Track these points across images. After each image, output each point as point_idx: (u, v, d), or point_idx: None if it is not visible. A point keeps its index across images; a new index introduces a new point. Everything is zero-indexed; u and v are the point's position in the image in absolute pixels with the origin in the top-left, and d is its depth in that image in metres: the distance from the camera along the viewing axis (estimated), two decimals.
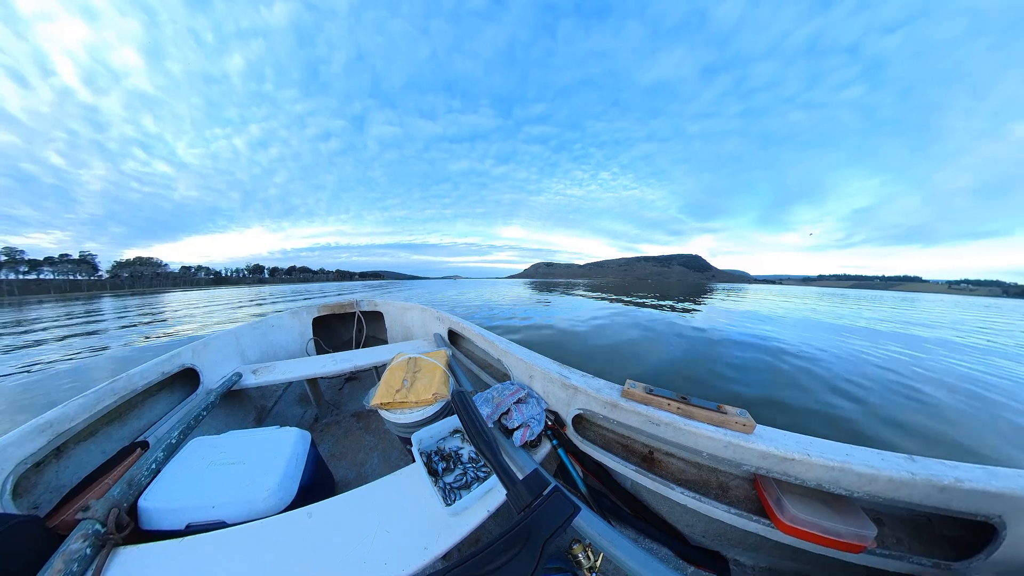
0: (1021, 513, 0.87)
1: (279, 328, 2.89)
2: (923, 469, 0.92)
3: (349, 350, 2.48)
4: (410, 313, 3.33)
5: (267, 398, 2.56)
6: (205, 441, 1.30)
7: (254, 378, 2.01)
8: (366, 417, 2.38)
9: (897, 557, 0.99)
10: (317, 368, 2.13)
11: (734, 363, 5.80)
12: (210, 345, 2.13)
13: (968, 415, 4.26)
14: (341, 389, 2.86)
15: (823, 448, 1.00)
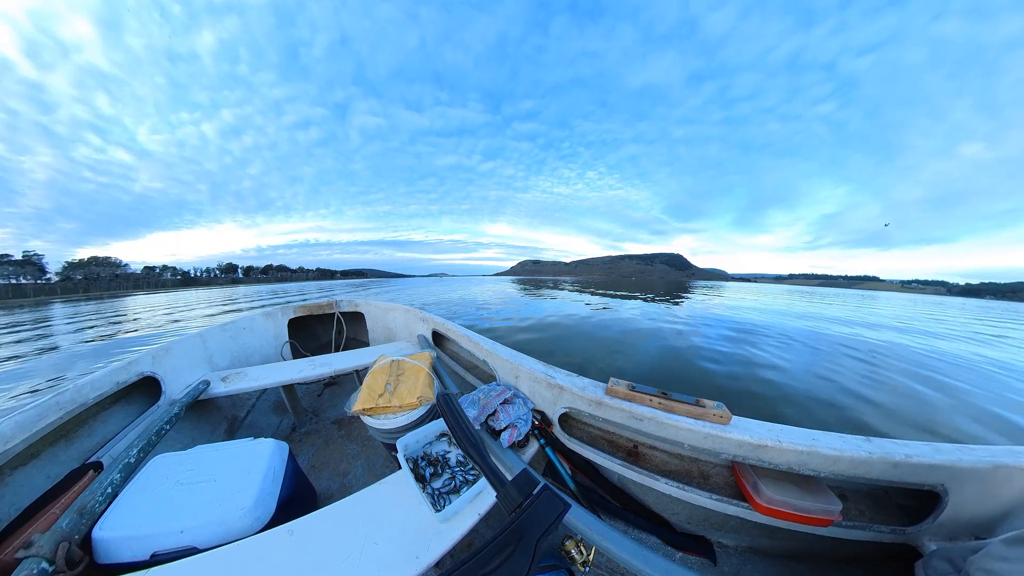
0: (960, 481, 0.98)
1: (251, 331, 2.70)
2: (879, 448, 1.01)
3: (328, 353, 2.36)
4: (392, 314, 3.21)
5: (239, 407, 2.40)
6: (169, 458, 1.18)
7: (224, 386, 1.86)
8: (348, 424, 2.28)
9: (860, 527, 1.09)
10: (293, 373, 2.00)
11: (711, 357, 6.09)
12: (173, 350, 1.94)
13: (921, 397, 4.72)
14: (320, 395, 2.71)
15: (792, 435, 1.08)
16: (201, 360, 2.16)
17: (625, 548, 0.85)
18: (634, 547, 0.85)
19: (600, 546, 0.88)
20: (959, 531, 1.03)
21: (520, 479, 0.56)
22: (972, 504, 1.01)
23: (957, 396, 4.90)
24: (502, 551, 0.39)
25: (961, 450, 1.02)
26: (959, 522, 1.02)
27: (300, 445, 2.08)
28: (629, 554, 0.84)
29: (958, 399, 4.78)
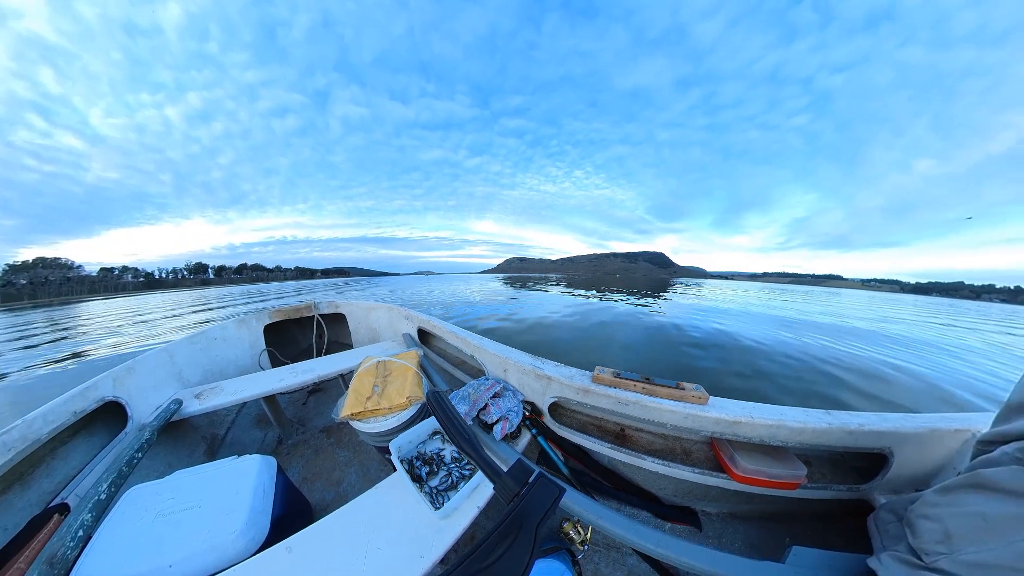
0: (903, 444, 1.12)
1: (223, 341, 2.52)
2: (836, 419, 1.13)
3: (309, 359, 2.27)
4: (375, 313, 3.10)
5: (217, 425, 2.26)
6: (145, 489, 1.09)
7: (198, 404, 1.74)
8: (336, 431, 2.22)
9: (823, 488, 1.21)
10: (274, 383, 1.90)
11: (691, 344, 6.52)
12: (136, 370, 1.77)
13: (875, 375, 5.35)
14: (304, 404, 2.61)
15: (763, 411, 1.19)
16: (169, 378, 2.00)
17: (619, 524, 0.92)
18: (627, 523, 0.92)
19: (596, 525, 0.94)
20: (902, 485, 1.18)
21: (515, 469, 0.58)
22: (912, 463, 1.16)
23: (905, 374, 5.57)
24: (504, 540, 0.41)
25: (903, 418, 1.16)
26: (902, 478, 1.17)
27: (289, 458, 2.00)
28: (623, 529, 0.90)
29: (906, 376, 5.44)
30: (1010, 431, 0.67)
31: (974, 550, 0.60)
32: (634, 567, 1.26)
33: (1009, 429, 0.67)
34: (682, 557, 0.85)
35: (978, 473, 0.66)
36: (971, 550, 0.61)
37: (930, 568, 0.65)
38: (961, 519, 0.65)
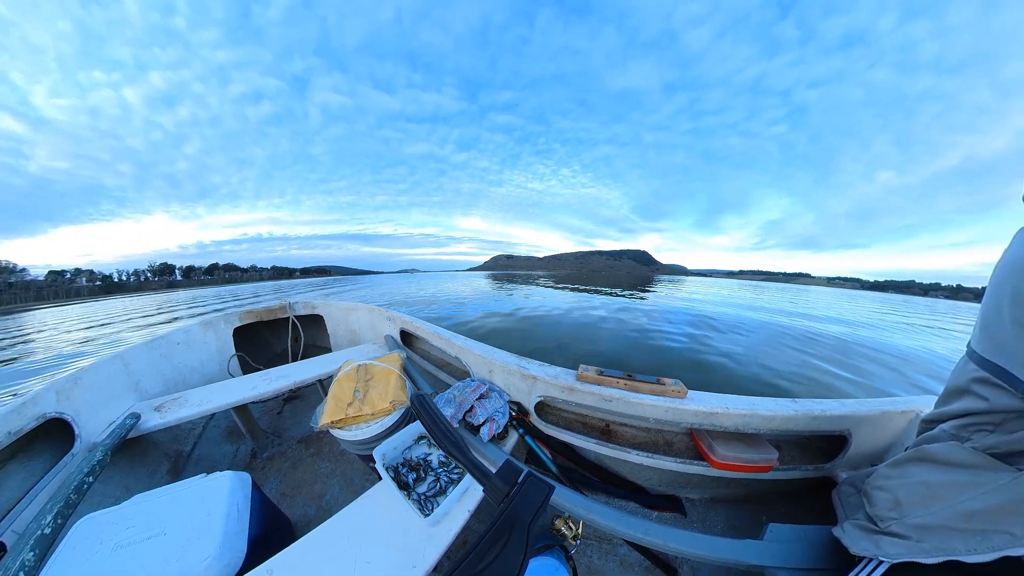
0: (859, 426, 1.24)
1: (187, 346, 2.29)
2: (802, 407, 1.23)
3: (284, 364, 2.13)
4: (355, 314, 2.96)
5: (182, 440, 2.08)
6: (100, 519, 0.97)
7: (159, 417, 1.57)
8: (316, 441, 2.10)
9: (792, 468, 1.31)
10: (245, 391, 1.77)
11: (671, 340, 6.83)
12: (84, 381, 1.55)
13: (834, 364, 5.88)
14: (280, 413, 2.45)
15: (737, 402, 1.27)
16: (125, 388, 1.80)
17: (609, 517, 0.95)
18: (616, 514, 0.96)
19: (587, 519, 0.97)
20: (860, 462, 1.31)
21: (504, 470, 0.58)
22: (868, 442, 1.29)
23: (864, 362, 6.16)
24: (497, 542, 0.40)
25: (859, 403, 1.29)
26: (860, 455, 1.30)
27: (264, 472, 1.87)
28: (613, 521, 0.94)
29: (865, 364, 6.01)
30: (947, 412, 0.75)
31: (919, 514, 0.69)
32: (625, 556, 1.31)
33: (947, 410, 0.76)
34: (669, 543, 0.90)
35: (922, 448, 0.76)
36: (917, 514, 0.69)
37: (884, 532, 0.73)
38: (908, 488, 0.74)
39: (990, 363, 0.64)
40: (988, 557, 0.59)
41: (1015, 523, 0.57)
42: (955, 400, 0.73)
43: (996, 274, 0.64)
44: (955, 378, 0.75)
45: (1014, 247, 0.63)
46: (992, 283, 0.65)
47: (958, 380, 0.73)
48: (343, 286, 39.20)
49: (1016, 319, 0.58)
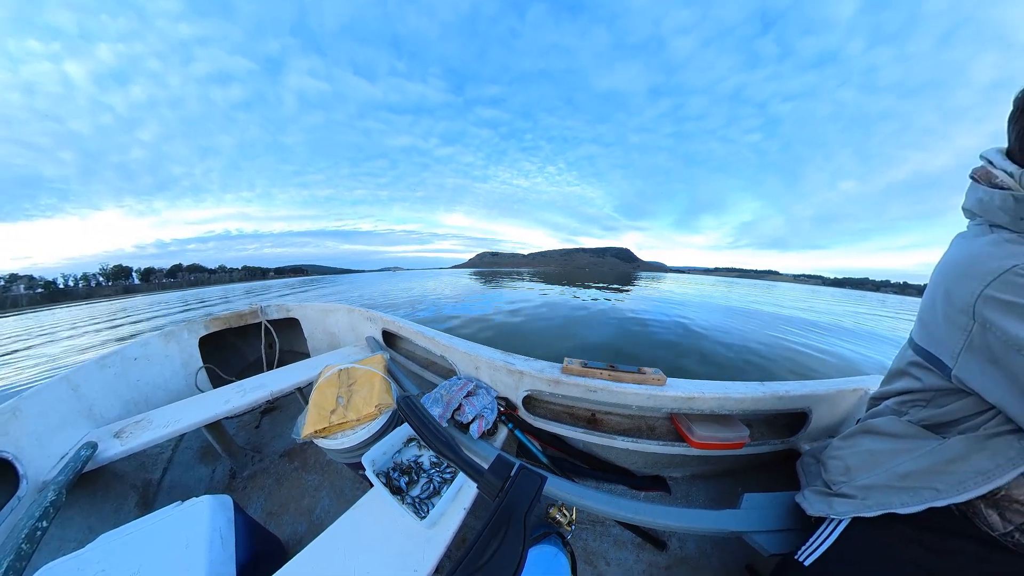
0: (818, 403, 1.39)
1: (146, 361, 2.07)
2: (769, 389, 1.35)
3: (259, 374, 1.99)
4: (334, 316, 2.81)
5: (150, 468, 1.88)
6: (61, 567, 0.86)
7: (120, 444, 1.40)
8: (300, 453, 1.99)
9: (762, 443, 1.42)
10: (218, 406, 1.64)
11: (651, 331, 7.22)
12: (24, 411, 1.35)
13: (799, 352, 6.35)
14: (258, 427, 2.30)
15: (712, 387, 1.36)
16: (76, 415, 1.59)
17: (599, 501, 1.01)
18: (606, 498, 1.02)
19: (579, 505, 1.02)
20: (819, 435, 1.44)
21: (496, 465, 0.59)
22: (825, 417, 1.42)
23: (821, 349, 6.77)
24: (495, 536, 0.41)
25: (818, 384, 1.43)
26: (819, 429, 1.43)
27: (247, 493, 1.75)
28: (604, 505, 1.00)
29: (821, 349, 6.64)
30: (890, 390, 0.85)
31: (864, 477, 0.81)
32: (618, 536, 1.38)
33: (889, 388, 0.86)
34: (657, 519, 0.98)
35: (868, 422, 0.87)
36: (862, 477, 0.81)
37: (836, 494, 0.84)
38: (856, 456, 0.85)
39: (924, 350, 0.74)
40: (917, 508, 0.69)
41: (939, 481, 0.68)
42: (896, 380, 0.84)
43: (934, 276, 0.72)
44: (897, 362, 0.85)
45: (950, 252, 0.71)
46: (930, 283, 0.73)
47: (899, 363, 0.83)
48: (322, 286, 37.06)
49: (946, 315, 0.66)
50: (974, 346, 0.61)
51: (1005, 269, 0.57)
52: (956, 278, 0.65)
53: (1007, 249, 0.60)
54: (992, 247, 0.62)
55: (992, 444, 0.63)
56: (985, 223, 0.68)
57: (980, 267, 0.61)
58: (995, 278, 0.57)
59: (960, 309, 0.62)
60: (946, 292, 0.66)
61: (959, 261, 0.67)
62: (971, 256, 0.64)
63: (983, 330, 0.59)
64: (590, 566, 1.27)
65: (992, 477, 0.62)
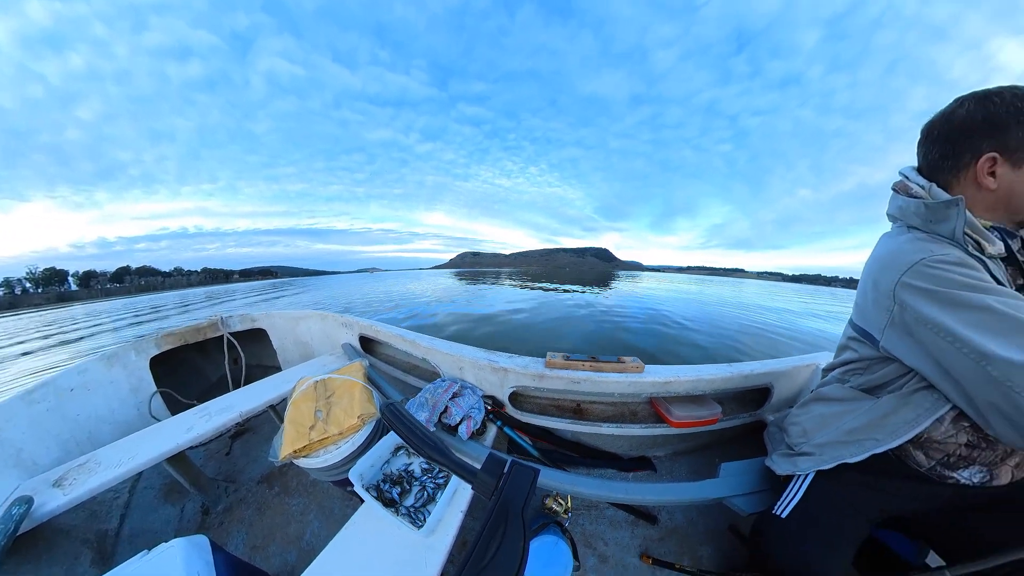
0: (778, 379, 1.54)
1: (85, 391, 1.81)
2: (736, 369, 1.48)
3: (224, 394, 1.81)
4: (305, 323, 2.60)
5: (103, 517, 1.61)
6: None
7: (62, 495, 1.19)
8: (280, 476, 1.83)
9: (733, 418, 1.55)
10: (179, 436, 1.46)
11: (628, 323, 7.65)
12: None
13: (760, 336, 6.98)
14: (228, 453, 2.07)
15: (686, 371, 1.47)
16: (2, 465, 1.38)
17: (592, 486, 1.07)
18: (598, 483, 1.08)
19: (573, 492, 1.07)
20: (781, 406, 1.59)
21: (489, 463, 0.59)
22: (785, 390, 1.58)
23: (780, 332, 7.52)
24: (496, 534, 0.41)
25: (778, 362, 1.59)
26: (780, 401, 1.59)
27: (224, 529, 1.58)
28: (596, 489, 1.06)
29: (780, 333, 7.27)
30: (836, 362, 0.99)
31: (819, 436, 0.94)
32: (612, 516, 1.44)
33: (835, 361, 1.00)
34: (647, 496, 1.06)
35: (819, 391, 1.02)
36: (818, 436, 0.94)
37: (798, 453, 0.97)
38: (811, 420, 0.98)
39: (859, 327, 0.87)
40: (863, 456, 0.83)
41: (877, 432, 0.81)
42: (841, 353, 0.97)
43: (865, 268, 0.86)
44: (841, 339, 0.99)
45: (876, 248, 0.85)
46: (863, 274, 0.86)
47: (843, 340, 0.97)
48: (293, 289, 33.81)
49: (875, 299, 0.78)
50: (895, 322, 0.74)
51: (916, 261, 0.69)
52: (881, 269, 0.77)
53: (919, 245, 0.73)
54: (908, 244, 0.76)
55: (914, 399, 0.76)
56: (903, 225, 0.82)
57: (898, 260, 0.73)
58: (909, 268, 0.70)
59: (884, 294, 0.74)
60: (874, 281, 0.78)
61: (883, 256, 0.79)
62: (892, 252, 0.77)
63: (901, 310, 0.71)
64: (590, 548, 1.32)
65: (916, 424, 0.75)
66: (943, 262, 0.67)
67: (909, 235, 0.78)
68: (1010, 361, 0.56)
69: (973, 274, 0.65)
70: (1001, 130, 0.67)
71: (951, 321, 0.63)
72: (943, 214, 0.72)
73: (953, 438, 0.75)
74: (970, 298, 0.62)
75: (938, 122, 0.76)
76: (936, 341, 0.66)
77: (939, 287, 0.65)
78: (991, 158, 0.69)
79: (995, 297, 0.61)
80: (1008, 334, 0.58)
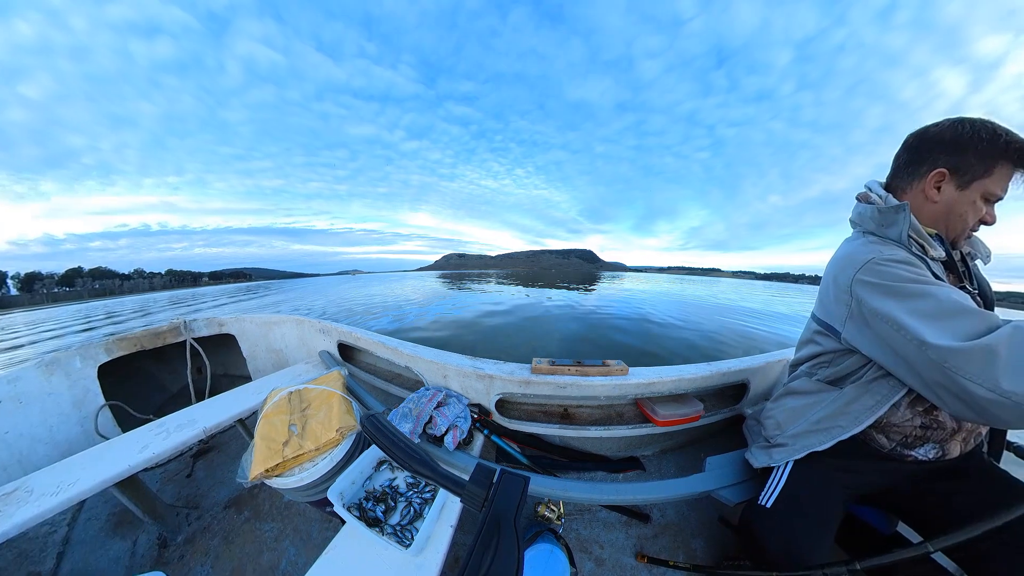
0: (754, 375, 1.62)
1: (16, 403, 1.57)
2: (715, 368, 1.54)
3: (185, 407, 1.62)
4: (279, 329, 2.42)
5: (36, 557, 1.41)
6: None
7: None
8: (250, 499, 1.64)
9: (714, 414, 1.61)
10: (131, 456, 1.27)
11: (613, 325, 7.84)
12: None
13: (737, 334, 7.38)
14: (190, 475, 1.85)
15: (668, 371, 1.51)
16: None
17: (583, 490, 1.07)
18: (589, 486, 1.09)
19: (565, 498, 1.07)
20: (757, 400, 1.67)
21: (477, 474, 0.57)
22: (761, 385, 1.66)
23: (754, 328, 7.88)
24: (489, 547, 0.39)
25: (752, 359, 1.67)
26: (756, 396, 1.67)
27: (186, 563, 1.38)
28: (587, 493, 1.06)
29: (755, 330, 7.72)
30: (801, 356, 1.06)
31: (792, 428, 1.01)
32: (606, 518, 1.45)
33: (801, 355, 1.07)
34: (637, 495, 1.08)
35: (789, 385, 1.09)
36: (790, 428, 1.01)
37: (774, 445, 1.04)
38: (784, 413, 1.06)
39: (823, 321, 0.94)
40: (830, 443, 0.91)
41: (841, 420, 0.90)
42: (805, 347, 1.05)
43: (827, 267, 0.95)
44: (804, 334, 1.07)
45: (838, 250, 0.95)
46: (825, 272, 0.95)
47: (806, 334, 1.05)
48: (268, 294, 30.73)
49: (835, 295, 0.86)
50: (853, 316, 0.82)
51: (868, 259, 0.78)
52: (840, 268, 0.86)
53: (872, 247, 0.82)
54: (862, 246, 0.85)
55: (873, 387, 0.84)
56: (861, 230, 0.92)
57: (854, 259, 0.82)
58: (862, 266, 0.79)
59: (843, 290, 0.83)
60: (834, 278, 0.87)
61: (842, 256, 0.89)
62: (848, 253, 0.87)
63: (858, 304, 0.79)
64: (586, 553, 1.31)
65: (875, 411, 0.84)
66: (890, 260, 0.76)
67: (865, 238, 0.88)
68: (940, 346, 0.63)
69: (916, 270, 0.74)
70: (959, 152, 0.76)
71: (896, 311, 0.71)
72: (892, 218, 0.82)
73: (909, 421, 0.85)
74: (912, 288, 0.71)
75: (917, 133, 0.84)
76: (887, 330, 0.73)
77: (886, 281, 0.74)
78: (941, 173, 0.78)
79: (934, 287, 0.70)
80: (941, 319, 0.65)
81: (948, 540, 0.67)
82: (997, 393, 0.57)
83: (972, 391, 0.60)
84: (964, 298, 0.68)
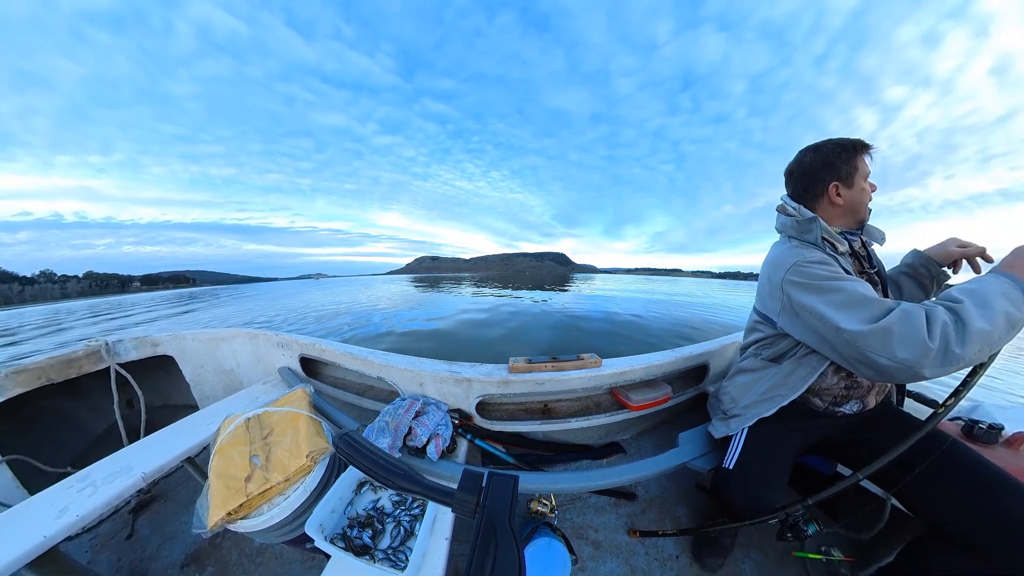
0: (712, 357, 1.81)
1: None
2: (679, 353, 1.72)
3: (115, 451, 1.32)
4: (229, 345, 2.10)
5: None
6: None
7: None
8: (213, 551, 1.38)
9: (682, 394, 1.77)
10: (45, 523, 0.99)
11: (585, 322, 8.35)
12: None
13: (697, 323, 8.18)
14: (131, 535, 1.48)
15: (638, 360, 1.62)
16: None
17: (571, 480, 1.13)
18: (576, 475, 1.16)
19: (555, 491, 1.13)
20: (717, 378, 1.86)
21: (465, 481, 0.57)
22: (719, 366, 1.86)
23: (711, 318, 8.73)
24: (488, 553, 0.39)
25: (710, 343, 1.86)
26: (716, 375, 1.86)
27: None
28: (576, 482, 1.13)
29: (712, 319, 8.58)
30: (748, 341, 1.23)
31: (744, 400, 1.18)
32: (596, 503, 1.52)
33: (748, 340, 1.23)
34: (622, 477, 1.17)
35: (740, 364, 1.26)
36: (742, 401, 1.18)
37: (730, 416, 1.21)
38: (737, 388, 1.23)
39: (762, 313, 1.11)
40: (775, 410, 1.09)
41: (782, 389, 1.08)
42: (751, 334, 1.22)
43: (762, 267, 1.12)
44: (748, 322, 1.25)
45: (770, 253, 1.12)
46: (761, 272, 1.12)
47: (750, 323, 1.24)
48: (216, 302, 25.19)
49: (770, 291, 1.03)
50: (785, 309, 0.98)
51: (794, 262, 0.95)
52: (773, 269, 1.02)
53: (795, 252, 0.99)
54: (788, 250, 1.02)
55: (804, 361, 1.03)
56: (785, 236, 1.10)
57: (783, 262, 0.98)
58: (790, 267, 0.95)
59: (776, 287, 0.99)
60: (768, 277, 1.04)
61: (773, 259, 1.06)
62: (778, 256, 1.04)
63: (788, 299, 0.96)
64: (583, 539, 1.36)
65: (808, 379, 1.03)
66: (811, 261, 0.94)
67: (789, 244, 1.06)
68: (851, 330, 0.80)
69: (831, 268, 0.92)
70: (835, 167, 1.00)
71: (817, 304, 0.88)
72: (808, 227, 1.02)
73: (836, 385, 1.06)
74: (828, 284, 0.88)
75: (795, 167, 1.09)
76: (811, 319, 0.90)
77: (808, 280, 0.91)
78: (835, 185, 1.01)
79: (844, 282, 0.87)
80: (851, 308, 0.82)
81: (870, 468, 0.87)
82: (896, 361, 0.74)
83: (877, 361, 0.77)
84: (867, 289, 0.86)
